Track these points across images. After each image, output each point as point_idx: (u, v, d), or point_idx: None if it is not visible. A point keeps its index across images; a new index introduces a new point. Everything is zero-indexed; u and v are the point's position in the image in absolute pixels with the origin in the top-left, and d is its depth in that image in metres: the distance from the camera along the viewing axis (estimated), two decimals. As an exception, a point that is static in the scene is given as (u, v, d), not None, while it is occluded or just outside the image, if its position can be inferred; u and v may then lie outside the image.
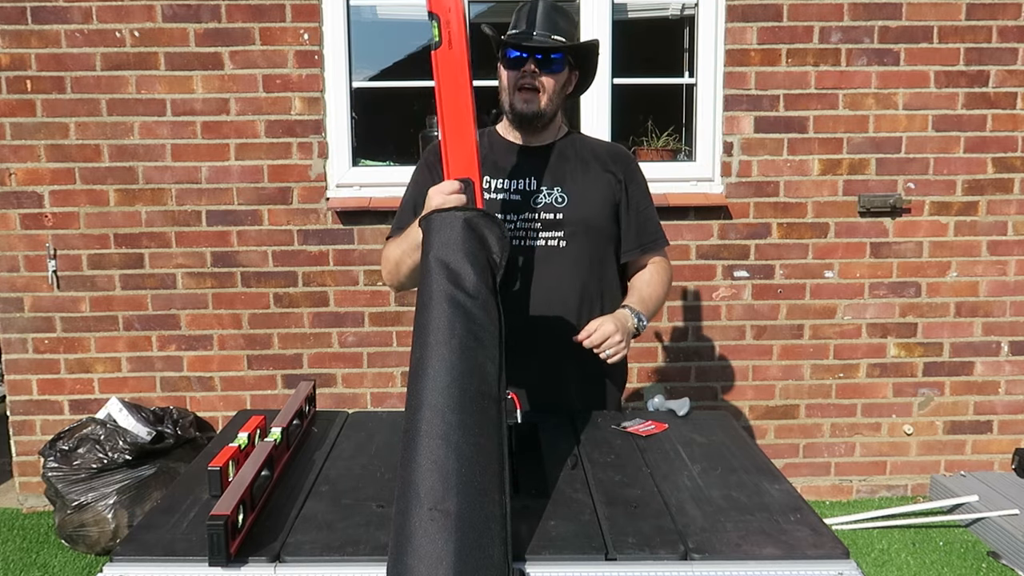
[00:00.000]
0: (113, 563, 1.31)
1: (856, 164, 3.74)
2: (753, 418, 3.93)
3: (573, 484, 1.60)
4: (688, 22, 4.07)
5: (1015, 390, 3.93)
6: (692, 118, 3.85)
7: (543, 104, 2.12)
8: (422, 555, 1.22)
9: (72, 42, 3.57)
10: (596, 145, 2.32)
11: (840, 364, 3.88)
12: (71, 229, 3.70)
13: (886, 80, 3.69)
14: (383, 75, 5.38)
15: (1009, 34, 3.67)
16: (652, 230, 2.28)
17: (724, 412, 2.10)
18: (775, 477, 1.65)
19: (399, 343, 3.81)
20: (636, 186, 2.24)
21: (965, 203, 3.79)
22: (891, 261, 3.82)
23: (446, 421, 1.35)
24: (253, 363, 3.82)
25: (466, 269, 1.49)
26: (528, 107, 2.11)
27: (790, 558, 1.33)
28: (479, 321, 1.46)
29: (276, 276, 3.76)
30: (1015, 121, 3.74)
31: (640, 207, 2.25)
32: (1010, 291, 3.85)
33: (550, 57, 2.09)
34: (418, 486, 1.29)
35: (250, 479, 1.40)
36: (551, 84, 2.12)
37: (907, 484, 3.99)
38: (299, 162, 3.69)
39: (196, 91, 3.63)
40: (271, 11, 3.59)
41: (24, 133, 3.62)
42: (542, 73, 2.10)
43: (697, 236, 3.77)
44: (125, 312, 3.76)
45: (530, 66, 2.08)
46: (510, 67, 2.11)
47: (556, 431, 1.91)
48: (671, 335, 3.86)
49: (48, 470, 3.38)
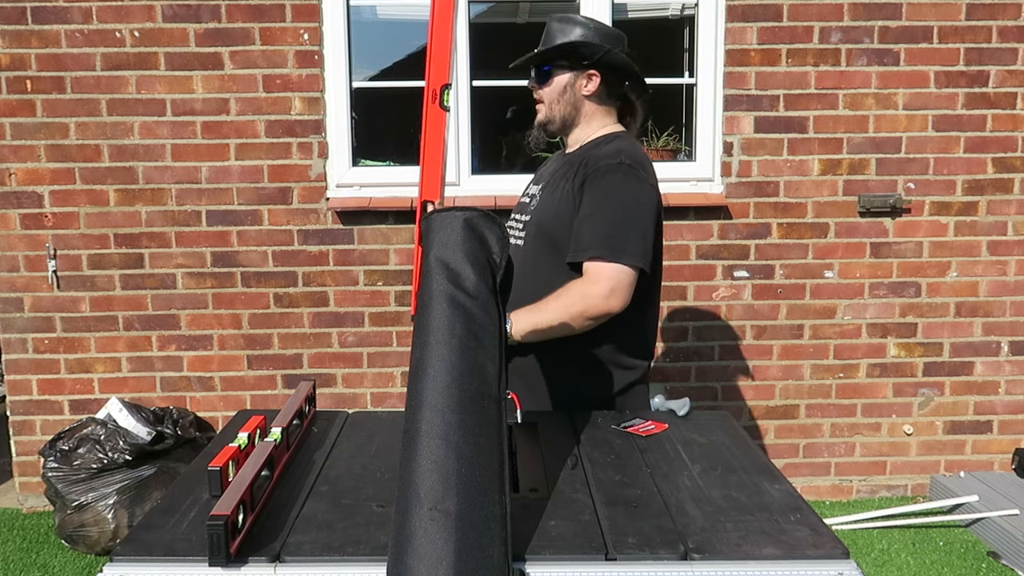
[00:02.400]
0: (113, 563, 1.31)
1: (856, 164, 3.74)
2: (753, 418, 3.93)
3: (573, 484, 1.60)
4: (688, 22, 4.07)
5: (1015, 390, 3.93)
6: (692, 118, 3.85)
7: (544, 114, 2.27)
8: (422, 555, 1.22)
9: (72, 42, 3.57)
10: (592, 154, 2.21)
11: (840, 364, 3.89)
12: (71, 229, 3.70)
13: (886, 80, 3.69)
14: (383, 75, 5.38)
15: (1009, 34, 3.67)
16: (586, 238, 2.08)
17: (724, 412, 2.10)
18: (775, 477, 1.64)
19: (399, 343, 3.81)
20: (590, 195, 2.10)
21: (965, 203, 3.79)
22: (891, 261, 3.82)
23: (446, 421, 1.35)
24: (253, 363, 3.82)
25: (466, 269, 1.49)
26: (538, 117, 2.30)
27: (790, 558, 1.33)
28: (479, 321, 1.46)
29: (276, 276, 3.76)
30: (1015, 121, 3.74)
31: (584, 214, 2.10)
32: (1010, 291, 3.85)
33: (541, 70, 2.25)
34: (418, 486, 1.29)
35: (250, 479, 1.40)
36: (546, 93, 2.25)
37: (907, 484, 3.99)
38: (299, 162, 3.69)
39: (196, 91, 3.63)
40: (271, 11, 3.59)
41: (24, 133, 3.63)
42: (539, 86, 2.26)
43: (697, 236, 3.77)
44: (125, 312, 3.76)
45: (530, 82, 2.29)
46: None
47: (556, 431, 1.91)
48: (671, 335, 3.86)
49: (48, 470, 3.38)
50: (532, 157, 4.92)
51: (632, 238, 2.05)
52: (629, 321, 2.12)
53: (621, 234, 2.05)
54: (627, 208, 2.08)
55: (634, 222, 2.07)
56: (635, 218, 2.08)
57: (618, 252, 2.03)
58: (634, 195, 2.10)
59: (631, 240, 2.05)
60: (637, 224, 2.08)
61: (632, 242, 2.05)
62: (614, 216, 2.06)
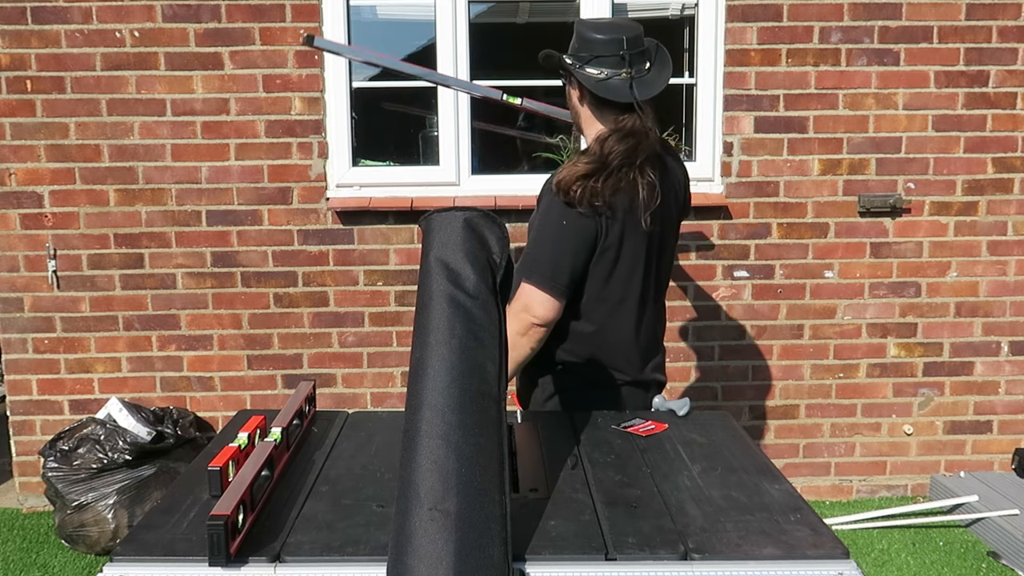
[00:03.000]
0: (113, 563, 1.31)
1: (856, 164, 3.74)
2: (753, 418, 3.93)
3: (573, 484, 1.60)
4: (688, 22, 4.07)
5: (1015, 390, 3.93)
6: (692, 118, 3.85)
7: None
8: (422, 555, 1.22)
9: (72, 42, 3.57)
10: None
11: (840, 364, 3.89)
12: (71, 229, 3.70)
13: (886, 80, 3.69)
14: (383, 75, 5.37)
15: (1009, 34, 3.67)
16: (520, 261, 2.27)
17: (724, 412, 2.10)
18: (775, 477, 1.64)
19: (399, 343, 3.81)
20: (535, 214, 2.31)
21: (965, 203, 3.79)
22: (891, 261, 3.82)
23: (446, 421, 1.35)
24: (253, 363, 3.82)
25: (466, 269, 1.49)
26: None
27: (790, 558, 1.33)
28: (479, 321, 1.46)
29: (276, 276, 3.76)
30: (1015, 121, 3.74)
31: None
32: (1010, 291, 3.85)
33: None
34: (418, 486, 1.29)
35: (250, 479, 1.40)
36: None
37: (907, 484, 3.99)
38: (299, 162, 3.69)
39: (196, 91, 3.63)
40: (271, 11, 3.59)
41: (24, 133, 3.63)
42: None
43: (697, 236, 3.77)
44: (125, 312, 3.76)
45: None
46: None
47: (556, 431, 1.91)
48: (671, 335, 3.86)
49: (48, 470, 3.39)
50: (532, 156, 4.92)
51: (541, 259, 2.21)
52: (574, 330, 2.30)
53: (534, 255, 2.24)
54: (543, 231, 2.25)
55: (547, 244, 2.23)
56: (548, 240, 2.23)
57: (528, 272, 2.21)
58: (552, 218, 2.22)
59: (540, 261, 2.21)
60: (550, 245, 2.22)
61: (541, 263, 2.21)
62: (535, 237, 2.27)
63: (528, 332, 2.21)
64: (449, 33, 3.64)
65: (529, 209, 3.66)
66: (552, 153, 4.02)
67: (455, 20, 3.63)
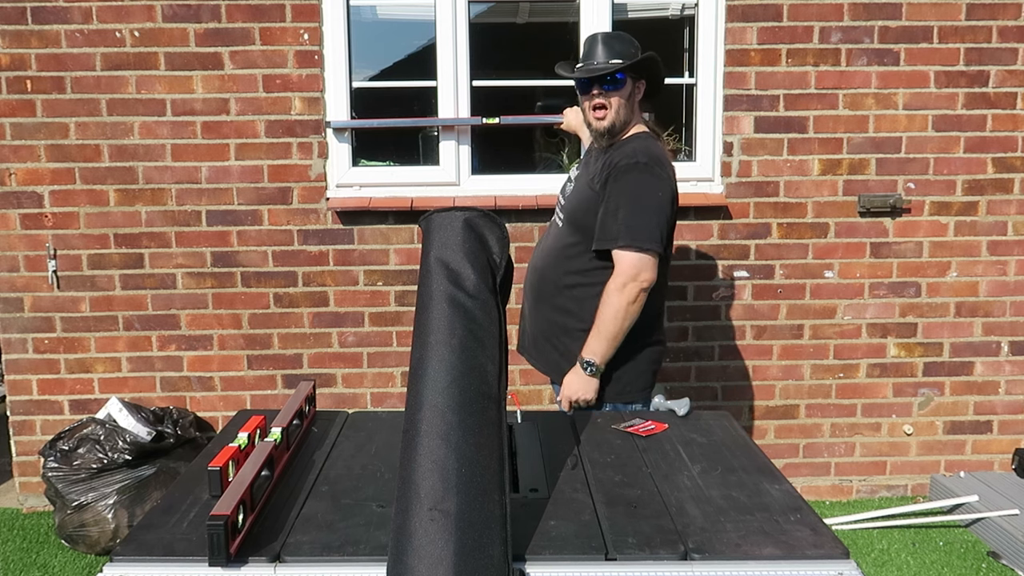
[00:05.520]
0: (113, 563, 1.31)
1: (856, 164, 3.74)
2: (753, 418, 3.93)
3: (573, 484, 1.60)
4: (688, 22, 4.07)
5: (1015, 390, 3.93)
6: (692, 118, 3.85)
7: (611, 119, 2.59)
8: (422, 555, 1.23)
9: (72, 42, 3.57)
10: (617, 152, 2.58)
11: (840, 364, 3.89)
12: (71, 229, 3.70)
13: (886, 80, 3.69)
14: (383, 75, 5.38)
15: (1009, 34, 3.67)
16: (608, 229, 2.48)
17: (724, 412, 2.10)
18: (775, 477, 1.65)
19: (399, 343, 3.81)
20: (611, 189, 2.49)
21: (965, 203, 3.79)
22: (891, 261, 3.82)
23: (446, 421, 1.35)
24: (253, 363, 3.82)
25: (466, 269, 1.49)
26: (601, 123, 2.60)
27: (790, 558, 1.33)
28: (479, 321, 1.46)
29: (276, 276, 3.76)
30: (1015, 121, 3.74)
31: (608, 208, 2.49)
32: (1010, 291, 3.85)
33: (615, 77, 2.56)
34: (418, 486, 1.29)
35: (250, 479, 1.40)
36: (616, 101, 2.57)
37: (907, 484, 3.99)
38: (299, 162, 3.69)
39: (196, 91, 3.63)
40: (271, 11, 3.59)
41: (24, 133, 3.63)
42: (608, 94, 2.57)
43: (697, 236, 3.77)
44: (125, 312, 3.76)
45: (596, 90, 2.57)
46: (583, 93, 2.63)
47: (556, 431, 1.91)
48: (671, 335, 3.86)
49: (48, 470, 3.39)
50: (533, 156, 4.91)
51: (649, 227, 2.44)
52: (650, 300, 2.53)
53: (640, 224, 2.44)
54: (643, 200, 2.46)
55: (650, 213, 2.45)
56: (650, 209, 2.46)
57: (639, 240, 2.43)
58: (650, 189, 2.47)
59: (648, 229, 2.44)
60: (653, 215, 2.46)
61: (649, 231, 2.44)
62: (634, 209, 2.45)
63: (637, 298, 2.44)
64: (449, 33, 3.64)
65: (529, 209, 3.70)
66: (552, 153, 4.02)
67: (455, 20, 3.63)
